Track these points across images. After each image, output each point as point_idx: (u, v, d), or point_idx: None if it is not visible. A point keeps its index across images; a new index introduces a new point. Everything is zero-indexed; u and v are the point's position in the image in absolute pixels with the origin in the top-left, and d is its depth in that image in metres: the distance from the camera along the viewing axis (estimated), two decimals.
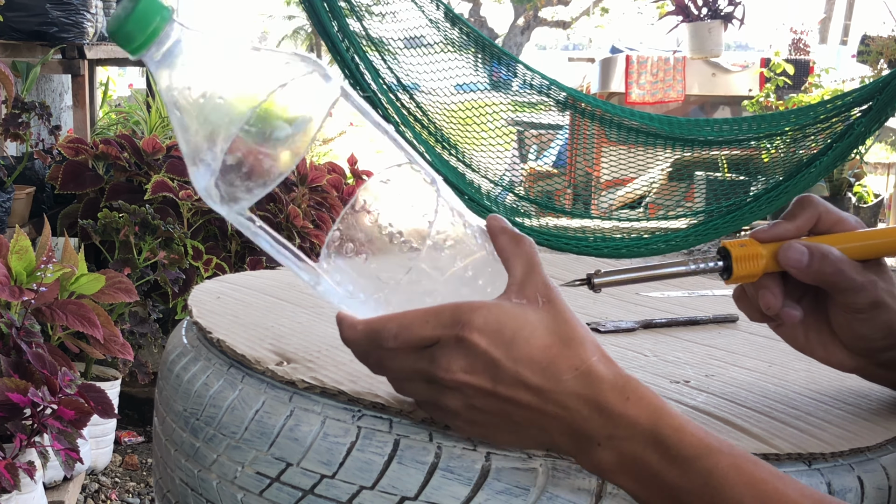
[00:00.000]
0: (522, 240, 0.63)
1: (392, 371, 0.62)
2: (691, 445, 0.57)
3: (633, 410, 0.57)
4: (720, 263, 0.71)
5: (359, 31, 3.02)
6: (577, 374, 0.58)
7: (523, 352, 0.57)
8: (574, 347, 0.58)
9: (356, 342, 0.61)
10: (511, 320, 0.58)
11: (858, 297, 0.69)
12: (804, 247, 0.69)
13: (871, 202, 6.49)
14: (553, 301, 0.60)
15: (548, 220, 3.52)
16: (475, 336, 0.57)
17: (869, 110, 2.87)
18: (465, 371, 0.58)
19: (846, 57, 10.47)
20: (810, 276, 0.69)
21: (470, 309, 0.58)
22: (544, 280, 0.61)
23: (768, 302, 0.71)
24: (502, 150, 3.38)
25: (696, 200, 4.72)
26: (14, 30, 3.15)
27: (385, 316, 0.60)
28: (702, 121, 3.71)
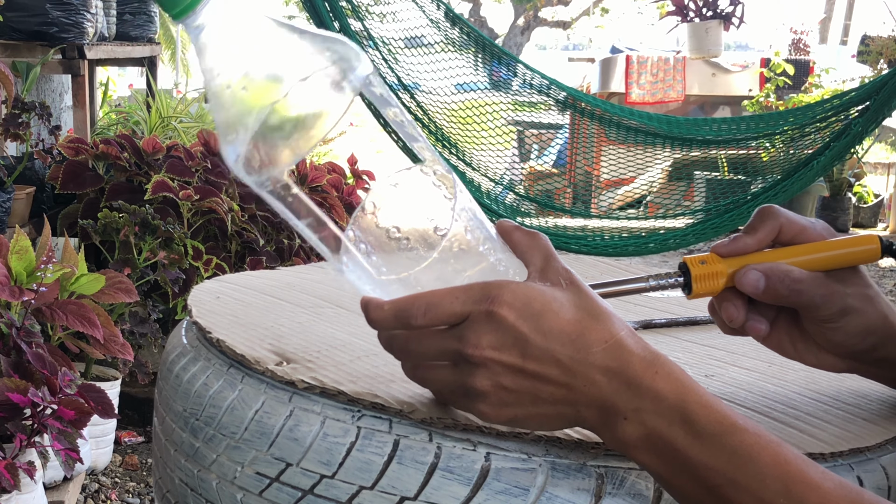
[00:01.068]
0: (536, 234, 0.64)
1: (418, 354, 0.61)
2: (717, 422, 0.57)
3: (660, 384, 0.57)
4: (680, 280, 0.71)
5: (360, 30, 3.03)
6: (607, 347, 0.58)
7: (553, 324, 0.58)
8: (603, 321, 0.59)
9: (383, 321, 0.61)
10: (540, 295, 0.58)
11: (821, 310, 0.70)
12: (759, 271, 0.69)
13: (870, 202, 6.50)
14: (576, 282, 0.61)
15: (548, 219, 3.53)
16: (505, 310, 0.57)
17: (866, 110, 2.88)
18: (494, 347, 0.58)
19: (846, 57, 10.47)
20: (768, 298, 0.70)
21: (499, 286, 0.58)
22: (563, 265, 0.62)
23: (730, 315, 0.71)
24: (502, 149, 3.38)
25: (695, 200, 4.73)
26: (14, 30, 3.16)
27: (412, 294, 0.60)
28: (701, 120, 3.71)
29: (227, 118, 0.57)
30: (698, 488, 0.57)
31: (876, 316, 0.70)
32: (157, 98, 4.41)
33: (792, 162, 3.21)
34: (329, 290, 0.99)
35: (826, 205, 6.17)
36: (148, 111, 4.38)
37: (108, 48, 3.80)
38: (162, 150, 2.85)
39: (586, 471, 0.62)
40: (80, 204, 2.80)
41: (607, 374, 0.58)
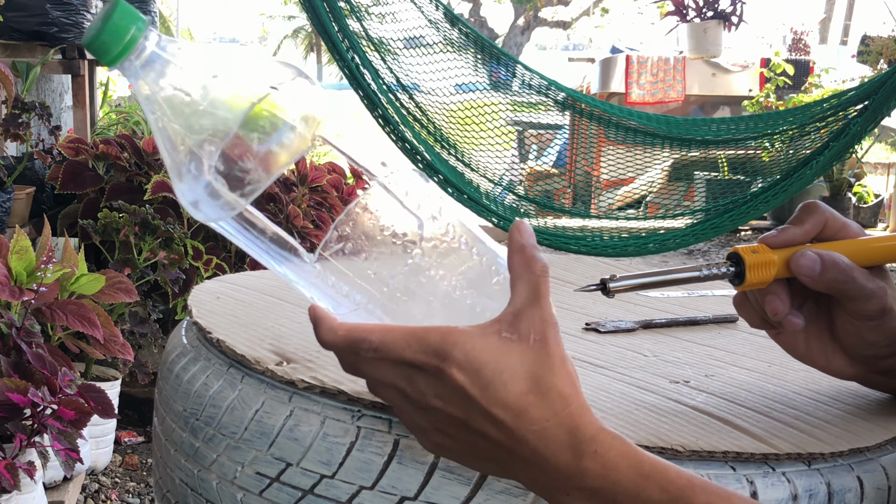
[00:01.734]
0: (534, 264, 0.59)
1: (367, 376, 0.61)
2: (663, 490, 0.56)
3: (600, 463, 0.57)
4: (732, 269, 0.71)
5: (359, 31, 3.02)
6: (547, 426, 0.57)
7: (499, 395, 0.57)
8: (549, 399, 0.57)
9: (334, 346, 0.60)
10: (493, 361, 0.57)
11: (869, 304, 0.69)
12: (816, 254, 0.69)
13: (871, 202, 6.50)
14: (545, 341, 0.58)
15: (547, 219, 3.52)
16: (453, 371, 0.56)
17: (865, 109, 2.87)
18: (439, 398, 0.58)
19: (846, 57, 10.46)
20: (822, 284, 0.69)
21: (454, 343, 0.57)
22: (543, 315, 0.58)
23: (776, 308, 0.71)
24: (502, 149, 3.38)
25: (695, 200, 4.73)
26: (14, 30, 3.16)
27: (368, 326, 0.59)
28: (700, 120, 3.71)
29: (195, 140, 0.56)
30: None
31: None
32: None
33: (791, 162, 3.20)
34: None
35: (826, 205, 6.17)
36: None
37: None
38: None
39: None
40: (80, 204, 2.80)
41: (546, 453, 0.57)
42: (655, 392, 0.75)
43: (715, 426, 0.68)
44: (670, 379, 0.78)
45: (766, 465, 0.65)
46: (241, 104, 0.56)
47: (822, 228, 0.71)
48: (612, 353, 0.85)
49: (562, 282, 1.11)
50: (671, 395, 0.75)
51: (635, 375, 0.79)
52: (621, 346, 0.88)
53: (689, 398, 0.74)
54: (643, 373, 0.80)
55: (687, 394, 0.75)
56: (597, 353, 0.84)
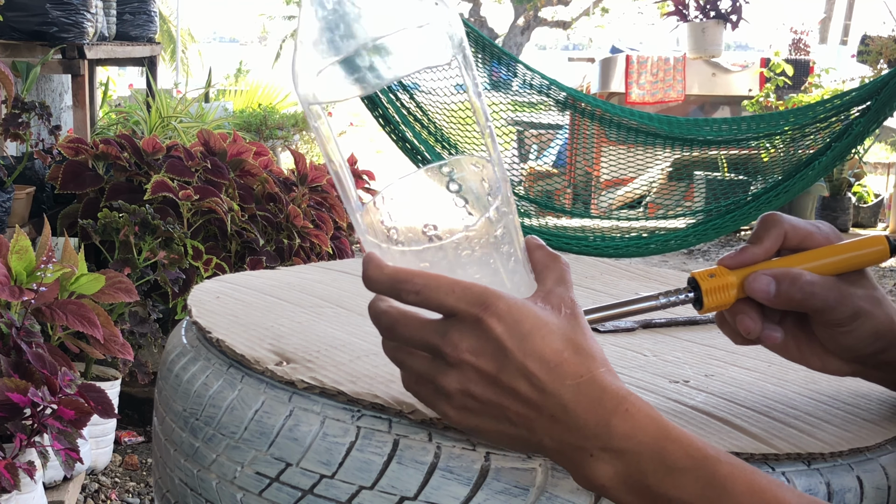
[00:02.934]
0: (558, 257, 0.64)
1: (402, 337, 0.61)
2: (688, 456, 0.57)
3: (630, 422, 0.57)
4: (691, 295, 0.71)
5: None
6: (581, 382, 0.58)
7: (536, 347, 0.58)
8: (583, 356, 0.59)
9: (377, 282, 0.60)
10: (532, 317, 0.59)
11: (835, 313, 0.69)
12: (770, 276, 0.69)
13: (870, 202, 6.50)
14: (576, 315, 0.61)
15: (548, 219, 3.52)
16: (493, 321, 0.58)
17: (867, 110, 2.87)
18: (472, 352, 0.58)
19: (846, 57, 10.46)
20: (780, 303, 0.69)
21: (497, 296, 0.58)
22: (572, 297, 0.62)
23: (747, 327, 0.71)
24: (502, 149, 3.38)
25: (695, 200, 4.72)
26: (14, 30, 3.16)
27: (414, 270, 0.60)
28: (701, 120, 3.71)
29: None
30: None
31: (884, 319, 0.70)
32: (157, 98, 4.41)
33: (793, 162, 3.21)
34: (329, 290, 0.99)
35: (826, 205, 6.18)
36: (148, 111, 4.38)
37: (108, 48, 3.80)
38: (162, 150, 2.85)
39: (579, 486, 0.62)
40: (80, 204, 2.80)
41: (576, 408, 0.58)
42: (655, 392, 0.75)
43: (714, 426, 0.68)
44: (670, 379, 0.78)
45: (765, 465, 0.65)
46: None
47: (782, 241, 0.71)
48: (611, 352, 0.85)
49: None
50: (671, 394, 0.75)
51: (635, 375, 0.79)
52: (621, 345, 0.88)
53: (688, 398, 0.74)
54: (643, 373, 0.80)
55: (687, 393, 0.75)
56: None
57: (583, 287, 1.09)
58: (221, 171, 2.82)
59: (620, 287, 1.10)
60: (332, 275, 1.06)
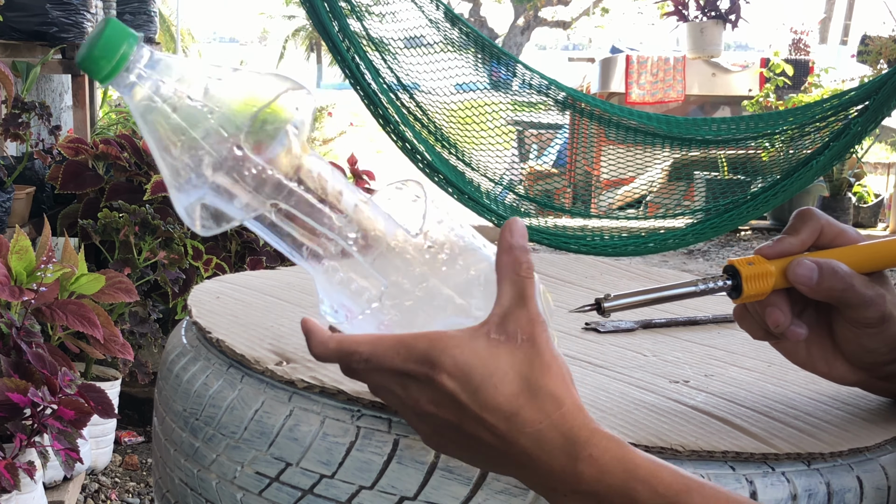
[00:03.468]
0: (519, 265, 0.59)
1: (365, 381, 0.62)
2: (657, 495, 0.56)
3: (596, 466, 0.57)
4: (728, 283, 0.70)
5: (359, 30, 3.03)
6: (541, 429, 0.57)
7: (490, 399, 0.57)
8: (541, 400, 0.57)
9: (326, 359, 0.61)
10: (481, 366, 0.57)
11: (868, 311, 0.69)
12: (813, 263, 0.68)
13: (871, 202, 6.50)
14: (534, 340, 0.58)
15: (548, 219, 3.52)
16: (443, 378, 0.57)
17: (865, 109, 2.88)
18: (432, 403, 0.58)
19: (846, 57, 10.46)
20: (820, 292, 0.69)
21: (441, 349, 0.57)
22: (530, 315, 0.58)
23: (777, 319, 0.70)
24: (502, 149, 3.38)
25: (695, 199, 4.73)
26: (14, 30, 3.15)
27: (357, 338, 0.59)
28: (700, 120, 3.71)
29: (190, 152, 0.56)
30: None
31: None
32: None
33: (791, 162, 3.21)
34: None
35: (826, 205, 6.17)
36: None
37: None
38: None
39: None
40: (80, 204, 2.80)
41: (540, 455, 0.57)
42: (655, 392, 0.75)
43: (714, 426, 0.68)
44: (670, 379, 0.78)
45: (765, 465, 0.65)
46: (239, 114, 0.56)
47: (818, 236, 0.71)
48: (611, 352, 0.85)
49: (562, 282, 1.11)
50: (671, 394, 0.75)
51: (635, 375, 0.79)
52: (621, 345, 0.88)
53: (688, 398, 0.74)
54: (643, 373, 0.80)
55: (686, 394, 0.75)
56: (596, 353, 0.84)
57: (583, 287, 1.09)
58: None
59: (620, 287, 1.10)
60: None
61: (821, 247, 0.71)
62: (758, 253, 0.71)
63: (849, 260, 0.69)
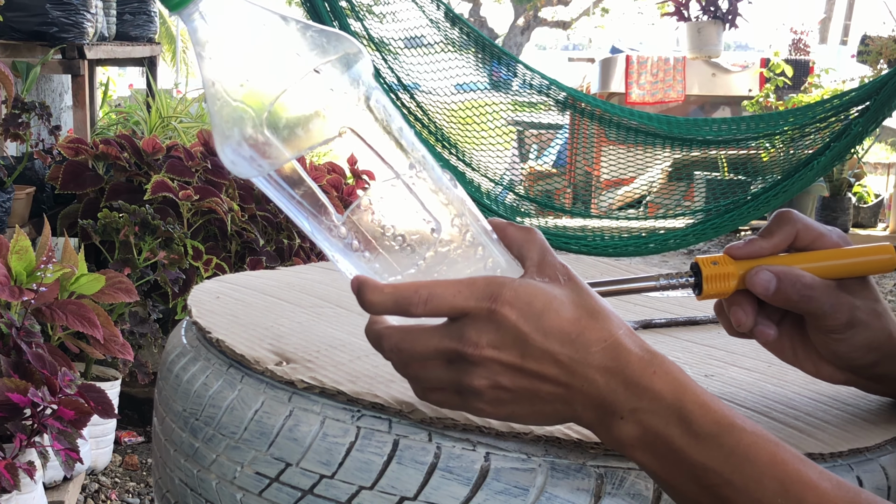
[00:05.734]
0: (530, 229, 0.63)
1: (411, 353, 0.60)
2: (714, 422, 0.57)
3: (658, 384, 0.57)
4: (691, 280, 0.71)
5: (359, 30, 3.03)
6: (606, 346, 0.58)
7: (553, 324, 0.58)
8: (601, 320, 0.59)
9: (381, 305, 0.59)
10: (541, 294, 0.58)
11: (829, 319, 0.69)
12: (771, 273, 0.69)
13: (871, 202, 6.50)
14: (573, 279, 0.61)
15: (548, 219, 3.53)
16: (506, 309, 0.57)
17: (866, 110, 2.88)
18: (493, 346, 0.58)
19: (846, 57, 10.47)
20: (778, 301, 0.69)
21: (501, 283, 0.58)
22: (560, 261, 0.62)
23: (739, 319, 0.71)
24: (502, 149, 3.38)
25: (695, 200, 4.73)
26: (14, 30, 3.16)
27: (414, 282, 0.59)
28: (701, 120, 3.72)
29: (235, 108, 0.56)
30: (695, 487, 0.57)
31: (881, 332, 0.70)
32: (157, 98, 4.41)
33: (792, 162, 3.21)
34: (329, 289, 0.99)
35: (826, 205, 6.18)
36: (148, 111, 4.38)
37: (108, 48, 3.80)
38: (162, 150, 2.85)
39: (586, 471, 0.62)
40: (80, 204, 2.80)
41: (605, 374, 0.58)
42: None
43: None
44: None
45: None
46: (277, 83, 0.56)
47: (793, 239, 0.71)
48: None
49: None
50: None
51: None
52: None
53: None
54: None
55: None
56: None
57: None
58: (221, 171, 2.82)
59: None
60: (332, 275, 1.06)
61: (797, 250, 0.71)
62: (727, 252, 0.71)
63: (817, 265, 0.69)
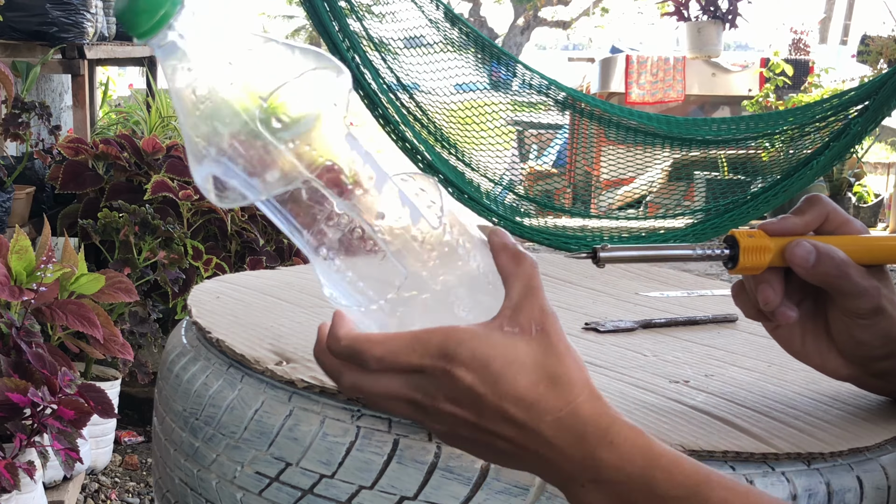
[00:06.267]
0: (523, 259, 0.59)
1: (370, 394, 0.59)
2: (680, 484, 0.56)
3: (616, 455, 0.56)
4: (726, 252, 0.69)
5: (359, 30, 3.02)
6: (560, 417, 0.56)
7: (509, 388, 0.56)
8: (560, 387, 0.56)
9: (338, 355, 0.59)
10: (499, 356, 0.56)
11: (860, 301, 0.69)
12: (812, 245, 0.68)
13: (870, 202, 6.49)
14: (547, 331, 0.58)
15: (548, 219, 3.52)
16: (461, 371, 0.56)
17: (865, 109, 2.87)
18: (449, 401, 0.57)
19: (846, 57, 10.46)
20: (815, 276, 0.69)
21: (458, 342, 0.56)
22: (541, 305, 0.58)
23: (767, 297, 0.70)
24: (502, 149, 3.38)
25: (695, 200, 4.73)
26: (14, 30, 3.15)
27: (369, 336, 0.58)
28: (700, 120, 3.72)
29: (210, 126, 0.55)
30: None
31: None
32: (157, 98, 4.41)
33: (792, 162, 3.21)
34: None
35: None
36: (148, 111, 4.38)
37: (108, 48, 3.80)
38: (162, 150, 2.85)
39: None
40: (80, 204, 2.80)
41: (562, 443, 0.56)
42: (655, 392, 0.75)
43: (715, 426, 0.68)
44: (670, 379, 0.78)
45: (765, 465, 0.65)
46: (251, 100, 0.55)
47: (823, 221, 0.71)
48: (611, 352, 0.85)
49: (562, 282, 1.11)
50: (671, 394, 0.74)
51: (635, 375, 0.79)
52: (621, 345, 0.88)
53: (688, 398, 0.74)
54: (643, 373, 0.80)
55: (687, 393, 0.75)
56: (596, 353, 0.84)
57: (582, 287, 1.09)
58: None
59: (620, 286, 1.10)
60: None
61: (825, 233, 0.71)
62: (761, 227, 0.71)
63: (848, 249, 0.69)
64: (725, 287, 1.12)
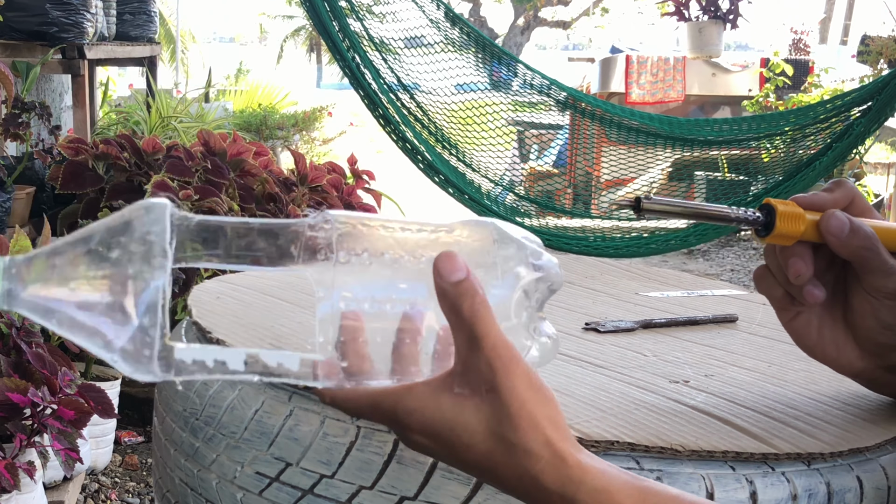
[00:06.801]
0: (460, 306, 0.54)
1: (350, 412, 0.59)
2: None
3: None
4: (761, 217, 0.69)
5: (359, 30, 3.03)
6: (520, 484, 0.55)
7: (463, 457, 0.55)
8: (517, 456, 0.54)
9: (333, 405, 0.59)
10: (448, 428, 0.55)
11: (888, 280, 0.69)
12: (847, 217, 0.69)
13: (871, 202, 6.49)
14: (497, 389, 0.54)
15: (548, 219, 3.52)
16: (416, 437, 0.56)
17: (868, 110, 2.87)
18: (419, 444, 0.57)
19: (846, 57, 10.46)
20: (847, 248, 0.69)
21: (406, 411, 0.55)
22: (486, 359, 0.53)
23: (799, 269, 0.69)
24: (502, 149, 3.38)
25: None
26: (14, 30, 3.16)
27: (346, 393, 0.57)
28: (701, 121, 3.71)
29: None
30: None
31: None
32: (157, 98, 4.41)
33: (793, 162, 3.20)
34: None
35: None
36: (148, 111, 4.38)
37: (108, 48, 3.80)
38: (162, 150, 2.85)
39: None
40: (80, 204, 2.80)
41: (535, 498, 0.55)
42: (655, 392, 0.75)
43: (715, 426, 0.68)
44: (670, 379, 0.78)
45: (765, 465, 0.65)
46: None
47: (849, 203, 0.71)
48: (611, 352, 0.85)
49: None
50: (671, 394, 0.74)
51: (635, 375, 0.79)
52: (621, 345, 0.88)
53: (688, 398, 0.74)
54: (643, 373, 0.80)
55: (687, 394, 0.75)
56: (596, 353, 0.84)
57: (583, 287, 1.09)
58: (221, 172, 2.82)
59: (620, 287, 1.10)
60: None
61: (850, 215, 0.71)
62: (793, 199, 0.71)
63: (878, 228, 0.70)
64: (725, 287, 1.12)
